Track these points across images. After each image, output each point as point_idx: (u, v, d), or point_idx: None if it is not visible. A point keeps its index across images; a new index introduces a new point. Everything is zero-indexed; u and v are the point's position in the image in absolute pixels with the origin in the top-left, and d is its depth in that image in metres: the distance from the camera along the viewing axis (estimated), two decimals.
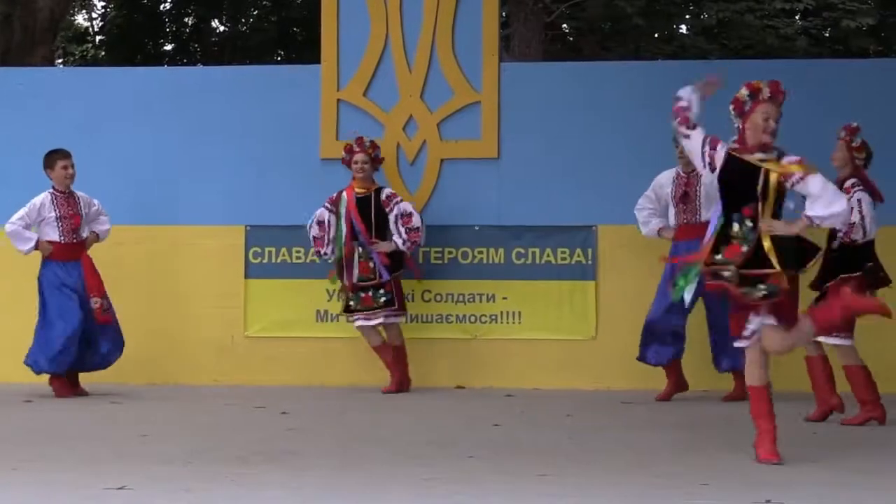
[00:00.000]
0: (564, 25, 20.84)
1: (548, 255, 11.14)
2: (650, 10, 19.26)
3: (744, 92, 7.10)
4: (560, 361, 10.97)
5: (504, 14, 13.66)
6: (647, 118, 10.27)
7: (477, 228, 11.21)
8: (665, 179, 10.21)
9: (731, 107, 7.12)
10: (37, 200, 10.32)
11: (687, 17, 21.40)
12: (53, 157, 10.43)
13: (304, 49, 20.49)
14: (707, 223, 9.88)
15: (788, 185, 6.98)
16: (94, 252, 10.54)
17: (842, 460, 7.02)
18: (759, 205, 6.99)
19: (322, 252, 10.65)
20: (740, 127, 7.12)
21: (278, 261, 11.32)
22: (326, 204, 10.64)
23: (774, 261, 6.89)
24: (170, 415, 9.22)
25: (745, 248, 6.99)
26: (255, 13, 24.40)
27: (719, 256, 7.11)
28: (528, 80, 11.43)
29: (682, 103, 7.26)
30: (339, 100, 11.38)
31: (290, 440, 8.11)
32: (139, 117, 11.48)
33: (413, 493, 6.16)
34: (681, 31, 21.59)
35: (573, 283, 11.08)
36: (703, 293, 9.20)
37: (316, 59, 11.65)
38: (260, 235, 11.34)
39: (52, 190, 10.38)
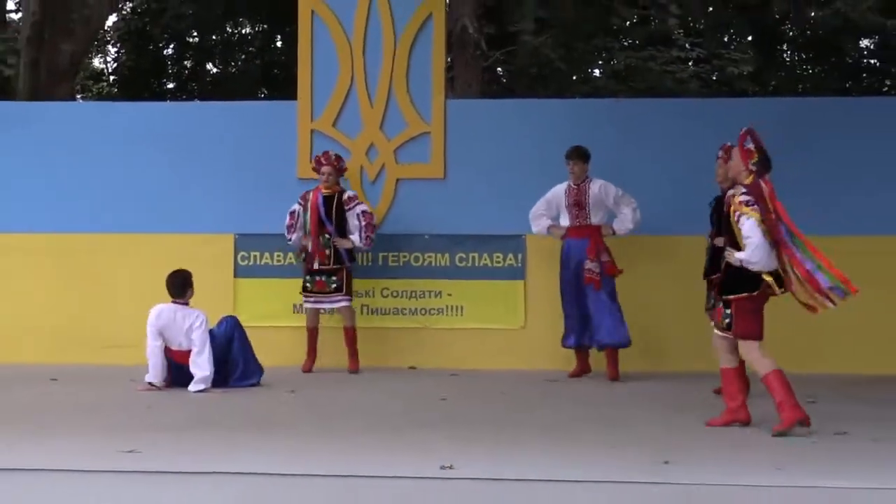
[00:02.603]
0: (499, 69, 20.89)
1: (485, 259, 11.16)
2: (570, 57, 19.33)
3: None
4: (496, 346, 10.99)
5: (449, 59, 13.68)
6: (568, 145, 10.29)
7: (426, 237, 11.21)
8: (560, 190, 10.28)
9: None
10: None
11: (600, 62, 21.49)
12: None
13: (284, 87, 20.41)
14: (597, 227, 10.01)
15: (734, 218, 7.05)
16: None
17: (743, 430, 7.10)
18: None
19: (289, 238, 10.65)
20: None
21: (262, 263, 11.28)
22: (299, 199, 10.65)
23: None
24: (173, 390, 9.15)
25: None
26: (242, 58, 24.34)
27: None
28: (470, 114, 11.45)
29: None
30: (312, 130, 11.36)
31: (268, 411, 8.10)
32: (146, 144, 11.41)
33: (371, 454, 6.17)
34: (595, 74, 21.66)
35: (506, 282, 11.10)
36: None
37: (293, 96, 11.63)
38: (247, 242, 11.29)
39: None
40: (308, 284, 10.52)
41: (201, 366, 9.01)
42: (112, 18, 21.98)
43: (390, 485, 5.48)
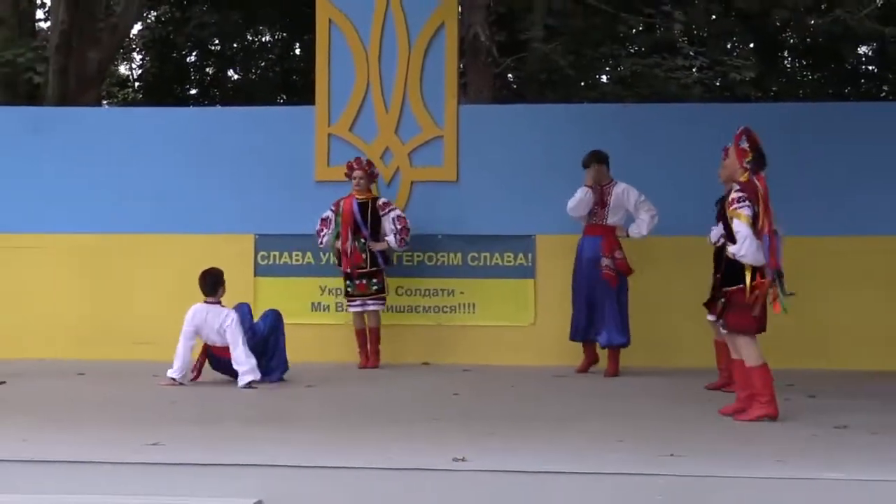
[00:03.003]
0: (510, 75, 20.86)
1: (496, 259, 11.14)
2: (578, 63, 19.28)
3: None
4: (506, 343, 10.97)
5: (461, 66, 13.66)
6: (576, 148, 10.26)
7: (440, 237, 11.20)
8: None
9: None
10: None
11: (607, 69, 21.44)
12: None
13: (302, 93, 20.41)
14: (611, 227, 9.98)
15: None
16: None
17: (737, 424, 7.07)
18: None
19: (320, 241, 10.65)
20: None
21: (281, 262, 11.29)
22: (331, 206, 10.64)
23: None
24: (197, 386, 9.15)
25: None
26: (262, 64, 24.37)
27: None
28: (482, 119, 11.44)
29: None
30: (329, 134, 11.36)
31: (285, 405, 8.09)
32: (170, 148, 11.44)
33: (386, 447, 6.15)
34: (602, 80, 21.60)
35: (516, 280, 11.08)
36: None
37: (311, 101, 11.63)
38: (266, 242, 11.30)
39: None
40: (350, 289, 10.55)
41: (240, 361, 8.98)
42: (137, 27, 22.02)
43: (404, 476, 5.47)
